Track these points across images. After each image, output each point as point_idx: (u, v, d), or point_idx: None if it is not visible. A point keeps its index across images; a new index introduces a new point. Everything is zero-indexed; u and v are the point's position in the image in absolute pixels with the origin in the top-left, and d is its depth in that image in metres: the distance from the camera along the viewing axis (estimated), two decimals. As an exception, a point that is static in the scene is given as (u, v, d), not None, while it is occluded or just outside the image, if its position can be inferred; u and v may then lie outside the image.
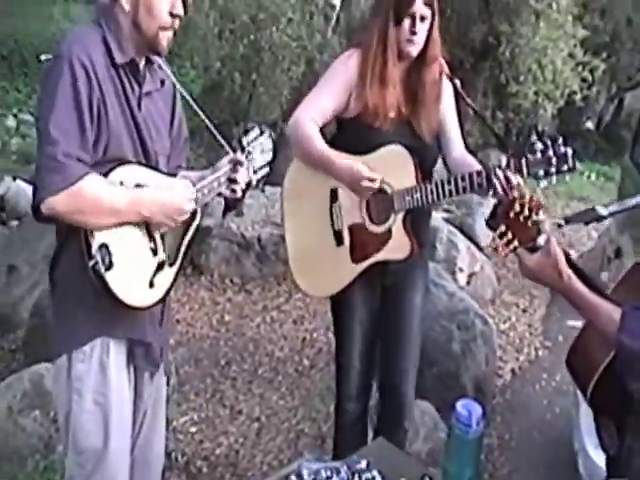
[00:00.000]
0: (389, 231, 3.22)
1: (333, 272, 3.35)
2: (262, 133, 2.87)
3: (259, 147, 2.84)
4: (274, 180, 7.64)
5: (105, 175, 2.42)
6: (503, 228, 2.74)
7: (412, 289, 3.45)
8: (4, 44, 13.89)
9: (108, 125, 2.44)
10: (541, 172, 2.96)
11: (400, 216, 3.20)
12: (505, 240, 2.71)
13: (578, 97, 9.53)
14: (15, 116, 12.25)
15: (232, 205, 6.90)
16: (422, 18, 3.15)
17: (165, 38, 2.54)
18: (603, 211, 2.80)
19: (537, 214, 2.22)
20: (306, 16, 9.45)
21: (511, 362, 5.54)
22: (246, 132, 2.84)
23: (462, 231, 6.93)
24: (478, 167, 3.17)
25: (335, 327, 3.57)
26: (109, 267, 2.40)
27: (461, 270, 6.34)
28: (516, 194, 2.79)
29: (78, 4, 13.76)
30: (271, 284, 6.40)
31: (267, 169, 2.92)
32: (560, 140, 2.93)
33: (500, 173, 2.98)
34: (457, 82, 3.32)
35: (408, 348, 3.47)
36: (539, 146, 2.94)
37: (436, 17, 3.19)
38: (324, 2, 9.50)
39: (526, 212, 2.41)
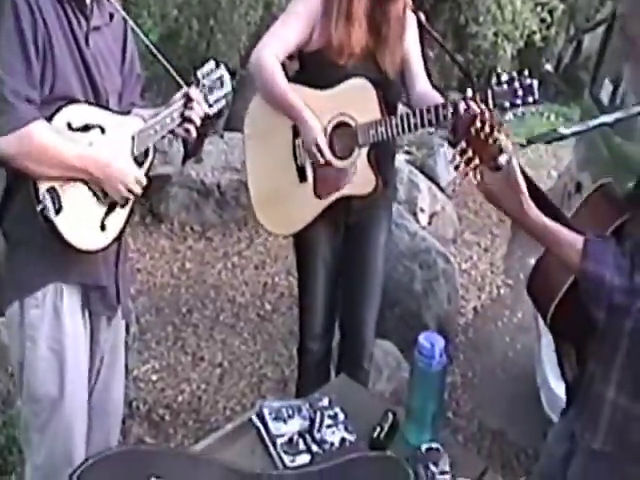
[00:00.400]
0: (353, 166, 3.18)
1: (297, 209, 3.31)
2: (218, 66, 2.80)
3: (215, 80, 2.77)
4: (233, 125, 7.62)
5: (53, 114, 2.33)
6: (464, 144, 2.70)
7: (376, 228, 3.42)
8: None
9: (54, 61, 2.34)
10: (507, 103, 2.92)
11: (364, 150, 3.15)
12: (466, 157, 2.68)
13: (537, 38, 9.53)
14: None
15: (191, 151, 6.80)
16: None
17: None
18: (565, 131, 2.77)
19: (498, 132, 2.17)
20: (263, -41, 9.29)
21: (473, 300, 5.57)
22: (201, 65, 2.76)
23: (423, 172, 6.90)
24: (443, 101, 3.13)
25: (298, 266, 3.53)
26: (58, 211, 2.33)
27: (422, 210, 6.32)
28: (477, 110, 2.74)
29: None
30: (232, 230, 6.33)
31: (224, 102, 2.83)
32: (526, 72, 2.90)
33: (464, 104, 2.93)
34: (422, 16, 3.22)
35: (370, 287, 3.45)
36: (504, 78, 2.91)
37: None
38: (281, -56, 9.28)
39: (487, 129, 2.36)
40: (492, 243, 6.48)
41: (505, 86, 2.90)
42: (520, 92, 2.88)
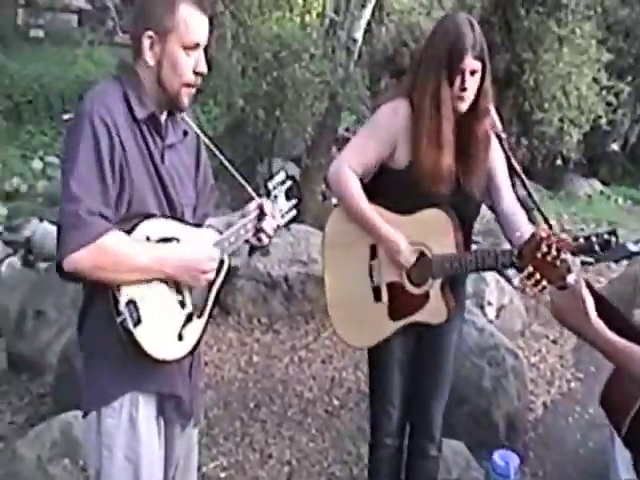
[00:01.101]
0: (427, 294, 3.20)
1: (371, 326, 3.35)
2: (288, 177, 2.86)
3: (285, 191, 2.83)
4: (300, 218, 7.68)
5: (130, 230, 2.41)
6: (530, 269, 2.71)
7: (449, 332, 3.41)
8: (29, 88, 14.02)
9: (131, 181, 2.43)
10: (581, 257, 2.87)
11: (438, 281, 3.17)
12: (533, 280, 2.67)
13: (603, 121, 9.48)
14: (41, 159, 12.34)
15: (262, 252, 6.89)
16: (472, 72, 3.08)
17: (187, 95, 2.55)
18: (633, 247, 2.75)
19: (565, 253, 2.17)
20: (328, 51, 9.49)
21: (543, 395, 5.48)
22: (271, 177, 2.84)
23: (490, 263, 6.80)
24: (525, 226, 3.14)
25: (371, 368, 3.53)
26: (137, 322, 2.38)
27: (490, 304, 6.27)
28: (543, 234, 2.75)
29: (101, 47, 13.89)
30: (299, 323, 6.37)
31: (294, 212, 2.90)
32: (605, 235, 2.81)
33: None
34: (503, 136, 3.22)
35: (441, 386, 3.46)
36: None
37: (487, 68, 3.11)
38: (346, 37, 9.52)
39: (553, 252, 2.35)
40: (561, 335, 6.38)
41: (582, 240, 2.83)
42: (597, 248, 2.80)
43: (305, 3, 10.62)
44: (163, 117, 2.58)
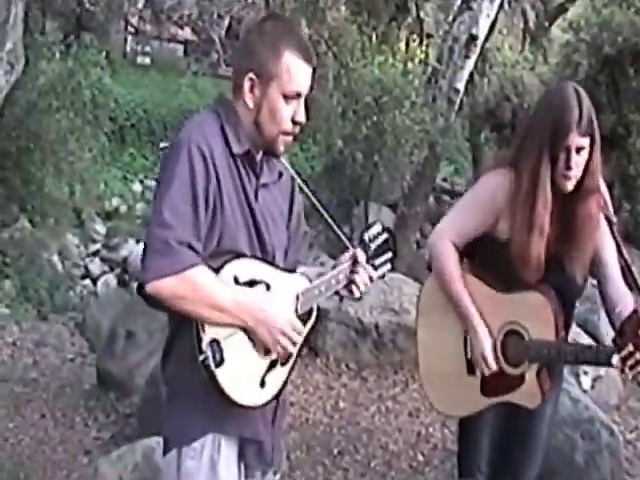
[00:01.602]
0: (522, 376, 3.09)
1: (462, 397, 3.25)
2: (384, 230, 2.82)
3: (381, 243, 2.79)
4: (394, 266, 7.67)
5: (219, 268, 2.38)
6: (631, 348, 2.63)
7: (545, 402, 3.26)
8: (134, 113, 14.37)
9: (223, 215, 2.40)
10: None
11: (534, 365, 3.06)
12: (633, 361, 2.59)
13: None
14: (141, 182, 12.66)
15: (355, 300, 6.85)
16: (578, 150, 2.94)
17: (284, 142, 2.53)
18: None
19: None
20: (429, 100, 9.53)
21: (639, 477, 5.27)
22: (368, 227, 2.80)
23: (585, 330, 6.74)
24: (629, 306, 3.01)
25: (461, 432, 3.42)
26: (220, 363, 2.34)
27: (585, 373, 6.13)
28: None
29: (205, 77, 14.18)
30: (387, 372, 6.31)
31: (388, 266, 2.85)
32: None
33: None
34: (614, 220, 3.11)
35: (534, 457, 3.33)
36: None
37: (596, 146, 2.98)
38: (448, 86, 9.57)
39: None
40: (660, 411, 6.19)
41: None
42: None
43: (408, 49, 10.70)
44: (259, 156, 2.55)
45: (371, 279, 2.73)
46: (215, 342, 2.35)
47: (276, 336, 2.43)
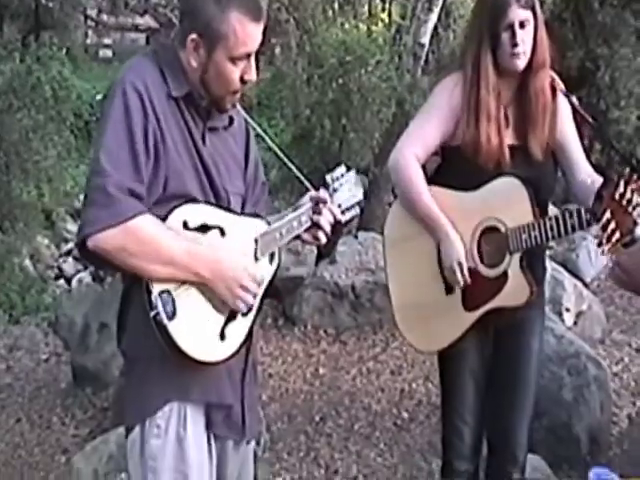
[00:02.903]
0: (504, 274, 2.91)
1: (444, 323, 3.05)
2: (349, 170, 2.63)
3: (346, 185, 2.60)
4: (367, 225, 7.54)
5: (168, 214, 2.18)
6: (608, 215, 2.56)
7: (529, 332, 3.12)
8: (99, 107, 14.22)
9: (167, 156, 2.21)
10: None
11: (516, 257, 2.88)
12: (609, 231, 2.44)
13: (685, 116, 9.12)
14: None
15: (325, 252, 6.72)
16: (522, 24, 2.84)
17: (231, 101, 2.34)
18: None
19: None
20: (395, 57, 9.38)
21: (627, 408, 5.13)
22: (331, 170, 2.59)
23: (566, 268, 6.60)
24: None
25: (443, 378, 3.22)
26: (172, 316, 2.13)
27: (568, 310, 5.99)
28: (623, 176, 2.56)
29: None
30: (367, 333, 6.19)
31: (357, 209, 2.66)
32: None
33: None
34: (574, 99, 3.01)
35: (523, 397, 3.13)
36: None
37: (539, 18, 2.88)
38: (413, 41, 9.38)
39: (628, 195, 2.15)
40: (645, 342, 6.07)
41: None
42: None
43: (370, 9, 10.54)
44: (204, 102, 2.34)
45: (338, 222, 2.53)
46: (166, 292, 2.13)
47: (235, 290, 2.23)
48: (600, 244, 2.59)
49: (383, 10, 10.46)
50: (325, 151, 9.10)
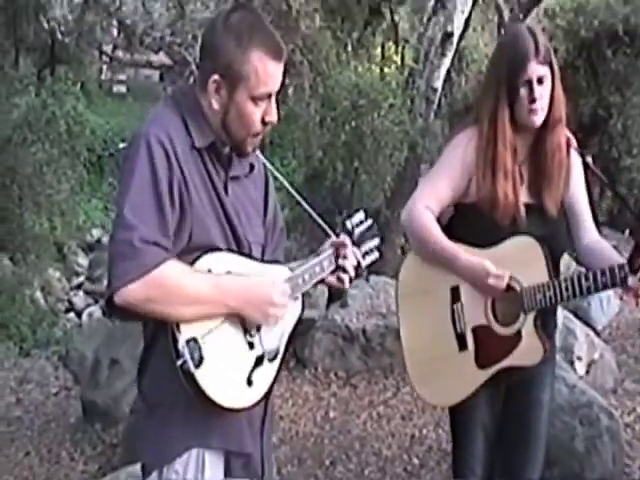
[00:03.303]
0: (518, 333, 2.90)
1: (456, 379, 3.04)
2: (367, 217, 2.67)
3: (365, 231, 2.65)
4: (379, 268, 7.54)
5: (192, 264, 2.19)
6: None
7: (540, 387, 3.11)
8: (112, 142, 14.38)
9: (191, 209, 2.22)
10: None
11: (530, 316, 2.88)
12: None
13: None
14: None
15: (336, 295, 6.73)
16: (540, 80, 2.85)
17: (252, 144, 2.36)
18: None
19: None
20: (407, 101, 9.41)
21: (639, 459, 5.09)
22: (349, 216, 2.64)
23: (577, 316, 6.59)
24: (617, 257, 2.89)
25: (453, 430, 3.21)
26: (199, 364, 2.13)
27: (579, 359, 5.97)
28: None
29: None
30: (377, 377, 6.19)
31: (376, 254, 2.70)
32: None
33: None
34: (588, 158, 3.04)
35: (534, 454, 3.11)
36: None
37: (556, 77, 2.89)
38: (426, 86, 9.43)
39: None
40: (658, 392, 6.02)
41: None
42: None
43: (384, 54, 10.59)
44: (226, 149, 2.37)
45: (359, 266, 2.57)
46: (192, 340, 2.14)
47: (266, 309, 2.26)
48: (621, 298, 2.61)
49: (396, 53, 10.50)
50: (337, 193, 9.12)
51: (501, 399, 3.10)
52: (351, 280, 2.57)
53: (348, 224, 2.60)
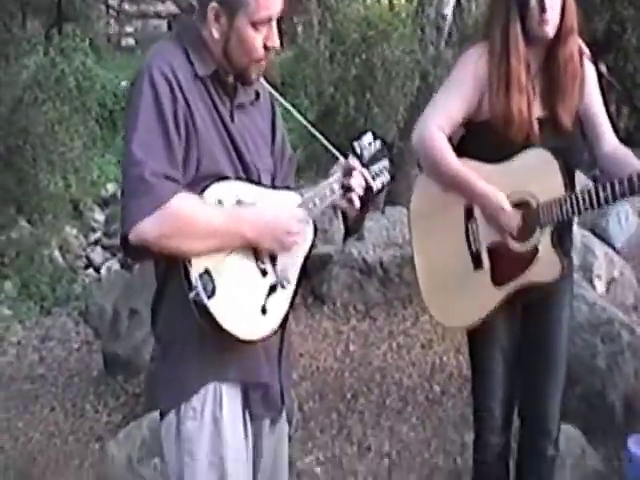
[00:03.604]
0: (535, 249, 2.84)
1: (472, 299, 2.97)
2: (376, 138, 2.58)
3: (374, 152, 2.56)
4: (394, 199, 7.47)
5: (200, 193, 2.17)
6: None
7: (558, 305, 3.05)
8: (123, 96, 14.23)
9: (198, 138, 2.21)
10: None
11: (547, 231, 2.82)
12: None
13: None
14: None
15: (352, 228, 6.66)
16: None
17: (256, 70, 2.31)
18: None
19: None
20: (417, 30, 9.27)
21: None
22: (358, 138, 2.55)
23: (595, 234, 6.53)
24: (636, 164, 2.80)
25: (472, 355, 3.17)
26: (212, 294, 2.12)
27: (599, 277, 5.89)
28: None
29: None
30: (396, 308, 6.14)
31: (387, 176, 2.60)
32: None
33: None
34: (603, 67, 2.93)
35: (554, 371, 3.06)
36: None
37: None
38: (435, 13, 9.25)
39: None
40: (680, 308, 5.94)
41: None
42: None
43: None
44: (230, 78, 2.34)
45: (369, 188, 2.49)
46: (205, 273, 2.13)
47: (283, 239, 2.25)
48: None
49: (405, -20, 10.34)
50: (350, 127, 9.02)
51: (519, 320, 3.05)
52: (363, 203, 2.48)
53: (356, 146, 2.51)
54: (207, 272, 2.13)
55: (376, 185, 2.54)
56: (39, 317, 8.45)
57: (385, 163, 2.59)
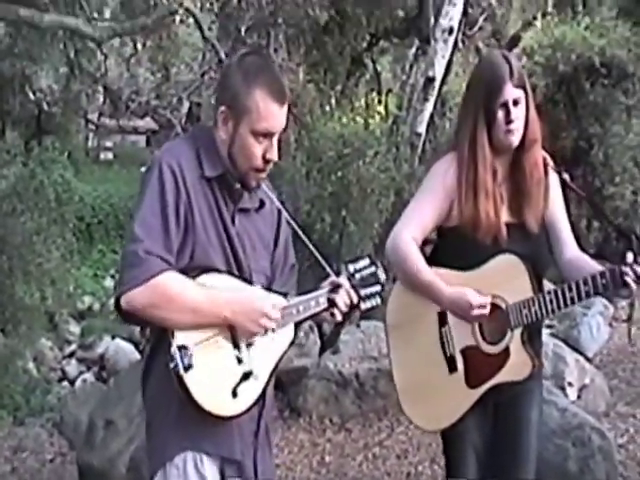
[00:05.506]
0: (506, 350, 2.95)
1: (448, 402, 3.08)
2: (372, 264, 2.75)
3: (368, 276, 2.72)
4: (370, 314, 7.48)
5: (193, 278, 2.40)
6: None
7: (528, 406, 3.13)
8: (100, 209, 14.41)
9: (195, 231, 2.45)
10: None
11: (517, 332, 2.93)
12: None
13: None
14: (113, 277, 12.54)
15: (328, 342, 6.72)
16: (515, 102, 2.94)
17: (255, 178, 2.53)
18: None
19: None
20: (392, 147, 9.44)
21: (634, 478, 5.02)
22: (354, 260, 2.74)
23: (567, 344, 6.64)
24: (597, 267, 2.92)
25: (446, 455, 3.23)
26: (188, 368, 2.33)
27: (570, 384, 6.00)
28: None
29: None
30: (372, 420, 6.17)
31: (377, 300, 2.76)
32: None
33: (629, 269, 2.76)
34: (566, 175, 3.10)
35: (524, 471, 3.10)
36: None
37: (530, 97, 2.99)
38: (410, 131, 9.47)
39: None
40: (651, 414, 5.96)
41: None
42: None
43: (368, 105, 10.64)
44: (237, 185, 2.55)
45: (353, 305, 2.67)
46: (183, 347, 2.34)
47: (258, 319, 2.43)
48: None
49: (379, 102, 10.55)
50: (325, 244, 9.08)
51: (490, 420, 3.12)
52: (343, 317, 2.65)
53: (350, 267, 2.69)
54: (185, 347, 2.34)
55: (364, 306, 2.71)
56: (12, 427, 8.28)
57: (377, 288, 2.74)
